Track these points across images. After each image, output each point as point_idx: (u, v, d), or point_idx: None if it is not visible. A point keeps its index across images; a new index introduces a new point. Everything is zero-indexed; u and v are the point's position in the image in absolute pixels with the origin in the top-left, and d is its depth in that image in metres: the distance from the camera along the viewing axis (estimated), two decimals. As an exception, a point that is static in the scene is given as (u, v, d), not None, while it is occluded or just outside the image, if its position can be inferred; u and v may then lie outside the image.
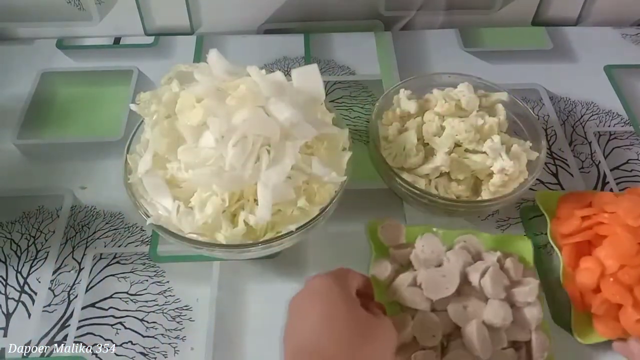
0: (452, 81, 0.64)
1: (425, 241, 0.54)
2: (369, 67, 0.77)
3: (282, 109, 0.48)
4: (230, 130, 0.47)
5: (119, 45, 0.81)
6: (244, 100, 0.49)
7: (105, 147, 0.67)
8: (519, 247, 0.56)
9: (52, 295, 0.54)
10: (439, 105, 0.60)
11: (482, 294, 0.50)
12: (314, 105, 0.55)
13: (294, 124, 0.49)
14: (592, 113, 0.72)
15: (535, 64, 0.79)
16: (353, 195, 0.59)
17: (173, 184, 0.51)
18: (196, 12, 0.81)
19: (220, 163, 0.48)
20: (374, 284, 0.50)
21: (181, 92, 0.52)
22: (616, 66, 0.78)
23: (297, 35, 0.82)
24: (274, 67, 0.77)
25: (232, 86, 0.51)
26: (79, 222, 0.60)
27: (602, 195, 0.57)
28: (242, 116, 0.48)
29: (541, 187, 0.64)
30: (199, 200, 0.49)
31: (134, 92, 0.73)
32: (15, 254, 0.57)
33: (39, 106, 0.72)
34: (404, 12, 0.83)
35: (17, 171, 0.65)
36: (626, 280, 0.50)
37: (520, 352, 0.49)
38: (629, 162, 0.67)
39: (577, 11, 0.85)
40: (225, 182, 0.48)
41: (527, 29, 0.85)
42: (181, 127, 0.50)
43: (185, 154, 0.49)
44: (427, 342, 0.48)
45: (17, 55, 0.78)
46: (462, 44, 0.81)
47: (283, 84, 0.52)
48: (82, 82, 0.75)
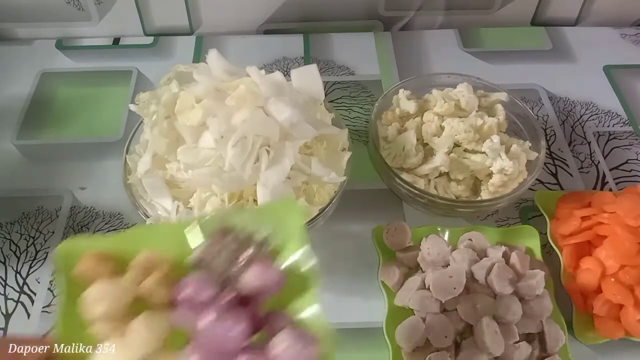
0: (451, 81, 0.64)
1: (431, 243, 0.54)
2: (369, 68, 0.77)
3: (281, 110, 0.48)
4: (230, 131, 0.47)
5: (119, 45, 0.81)
6: (243, 100, 0.49)
7: (105, 147, 0.67)
8: (526, 238, 0.56)
9: (51, 295, 0.54)
10: (438, 105, 0.60)
11: (490, 291, 0.50)
12: (313, 106, 0.55)
13: (294, 124, 0.49)
14: (592, 113, 0.72)
15: (534, 64, 0.79)
16: (352, 196, 0.59)
17: (172, 184, 0.51)
18: (195, 13, 0.81)
19: (219, 163, 0.48)
20: (384, 289, 0.48)
21: (180, 93, 0.52)
22: (615, 66, 0.78)
23: (297, 36, 0.82)
24: (273, 68, 0.76)
25: (231, 86, 0.51)
26: (78, 222, 0.60)
27: (602, 195, 0.57)
28: (241, 116, 0.48)
29: (540, 187, 0.64)
30: (199, 200, 0.49)
31: (134, 93, 0.73)
32: (15, 255, 0.57)
33: (38, 106, 0.72)
34: (404, 13, 0.83)
35: (16, 171, 0.65)
36: (627, 280, 0.50)
37: (534, 343, 0.49)
38: (628, 162, 0.67)
39: (576, 11, 0.85)
40: (224, 182, 0.48)
41: (526, 29, 0.85)
42: (180, 127, 0.50)
43: (184, 154, 0.49)
44: (440, 343, 0.48)
45: (17, 55, 0.78)
46: (461, 44, 0.81)
47: (282, 84, 0.52)
48: (82, 82, 0.75)
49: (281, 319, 0.36)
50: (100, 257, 0.37)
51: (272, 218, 0.39)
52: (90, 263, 0.36)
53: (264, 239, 0.38)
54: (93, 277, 0.36)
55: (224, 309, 0.34)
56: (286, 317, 0.36)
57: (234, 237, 0.37)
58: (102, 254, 0.37)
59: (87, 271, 0.36)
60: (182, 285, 0.36)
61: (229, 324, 0.34)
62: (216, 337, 0.34)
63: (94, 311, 0.35)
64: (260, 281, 0.36)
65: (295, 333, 0.33)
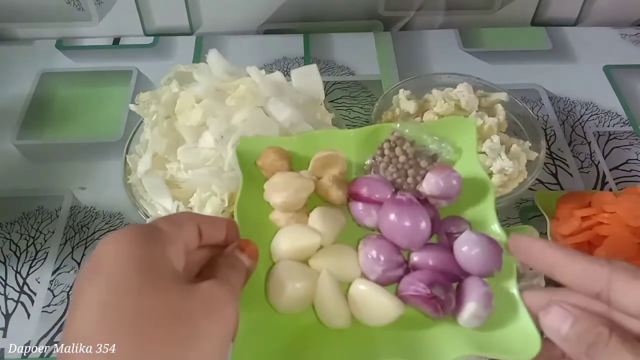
0: (451, 81, 0.64)
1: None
2: (369, 68, 0.77)
3: (281, 109, 0.48)
4: (230, 131, 0.47)
5: (119, 45, 0.81)
6: (243, 100, 0.49)
7: (105, 147, 0.67)
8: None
9: (51, 295, 0.54)
10: (438, 105, 0.60)
11: None
12: (313, 106, 0.55)
13: (294, 124, 0.49)
14: (592, 113, 0.72)
15: (534, 64, 0.79)
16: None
17: (172, 184, 0.51)
18: (196, 12, 0.81)
19: (219, 163, 0.48)
20: None
21: (180, 93, 0.52)
22: (615, 66, 0.78)
23: (297, 36, 0.82)
24: (273, 68, 0.76)
25: (231, 86, 0.51)
26: (78, 222, 0.60)
27: (602, 195, 0.57)
28: (241, 116, 0.48)
29: (540, 187, 0.64)
30: (199, 200, 0.49)
31: (134, 93, 0.73)
32: (15, 255, 0.57)
33: (38, 106, 0.72)
34: (404, 13, 0.83)
35: (16, 171, 0.65)
36: (626, 280, 0.50)
37: None
38: (628, 162, 0.67)
39: (576, 11, 0.85)
40: (224, 182, 0.48)
41: (526, 29, 0.85)
42: (180, 127, 0.50)
43: (184, 154, 0.49)
44: None
45: (17, 55, 0.78)
46: (461, 44, 0.81)
47: (282, 84, 0.52)
48: (82, 82, 0.75)
49: (460, 223, 0.37)
50: (280, 152, 0.39)
51: (445, 131, 0.41)
52: (271, 156, 0.38)
53: (439, 149, 0.40)
54: (272, 169, 0.38)
55: (405, 207, 0.34)
56: (465, 222, 0.37)
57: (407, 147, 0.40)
58: (281, 150, 0.39)
59: (267, 163, 0.38)
60: (358, 184, 0.37)
61: (414, 220, 0.34)
62: (401, 232, 0.34)
63: (274, 200, 0.36)
64: (439, 189, 0.37)
65: (474, 236, 0.34)
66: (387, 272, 0.33)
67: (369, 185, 0.37)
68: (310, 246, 0.35)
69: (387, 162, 0.39)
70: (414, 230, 0.34)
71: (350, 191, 0.38)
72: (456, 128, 0.41)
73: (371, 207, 0.36)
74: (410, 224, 0.34)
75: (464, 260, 0.33)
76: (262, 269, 0.34)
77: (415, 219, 0.34)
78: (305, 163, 0.40)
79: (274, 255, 0.35)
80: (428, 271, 0.34)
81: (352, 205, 0.38)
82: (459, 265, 0.34)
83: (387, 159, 0.39)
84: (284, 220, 0.36)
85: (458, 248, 0.34)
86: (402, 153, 0.39)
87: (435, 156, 0.40)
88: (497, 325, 0.32)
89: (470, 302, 0.32)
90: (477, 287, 0.33)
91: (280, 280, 0.33)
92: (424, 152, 0.40)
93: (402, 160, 0.39)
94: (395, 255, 0.34)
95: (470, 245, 0.33)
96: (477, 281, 0.33)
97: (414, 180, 0.38)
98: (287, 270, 0.33)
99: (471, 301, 0.32)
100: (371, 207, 0.36)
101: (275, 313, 0.33)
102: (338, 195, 0.37)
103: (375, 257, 0.34)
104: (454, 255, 0.34)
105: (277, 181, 0.37)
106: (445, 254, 0.34)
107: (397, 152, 0.39)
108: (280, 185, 0.36)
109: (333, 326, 0.33)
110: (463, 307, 0.32)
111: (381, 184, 0.37)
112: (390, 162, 0.39)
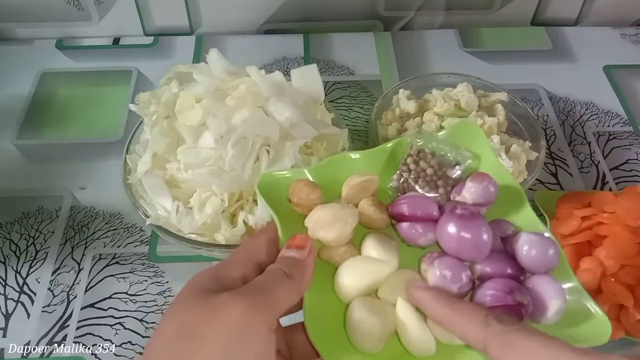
0: (451, 81, 0.64)
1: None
2: (369, 68, 0.77)
3: (281, 109, 0.48)
4: (230, 131, 0.47)
5: (119, 45, 0.81)
6: (243, 100, 0.49)
7: (105, 147, 0.67)
8: None
9: (51, 295, 0.54)
10: (438, 105, 0.60)
11: None
12: (313, 106, 0.55)
13: (294, 124, 0.49)
14: (592, 113, 0.72)
15: (534, 64, 0.79)
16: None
17: (172, 184, 0.51)
18: (196, 12, 0.81)
19: (219, 163, 0.48)
20: None
21: (180, 93, 0.52)
22: (615, 66, 0.78)
23: (297, 36, 0.82)
24: (273, 67, 0.77)
25: (231, 86, 0.51)
26: (78, 222, 0.60)
27: (602, 195, 0.57)
28: (241, 116, 0.48)
29: (540, 187, 0.64)
30: (199, 200, 0.49)
31: (134, 93, 0.73)
32: (15, 255, 0.57)
33: (38, 106, 0.72)
34: (404, 12, 0.83)
35: (16, 171, 0.65)
36: (627, 280, 0.50)
37: None
38: (628, 162, 0.67)
39: (576, 11, 0.85)
40: (224, 182, 0.48)
41: (526, 29, 0.85)
42: (180, 127, 0.50)
43: (184, 154, 0.49)
44: None
45: (17, 55, 0.78)
46: (461, 44, 0.81)
47: (282, 84, 0.52)
48: (82, 82, 0.75)
49: (507, 225, 0.37)
50: (311, 184, 0.36)
51: (455, 138, 0.40)
52: (305, 189, 0.35)
53: (458, 157, 0.39)
54: (308, 204, 0.35)
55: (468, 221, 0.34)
56: (509, 223, 0.37)
57: (430, 159, 0.39)
58: (311, 182, 0.36)
59: (302, 199, 0.35)
60: (399, 203, 0.36)
61: (478, 233, 0.33)
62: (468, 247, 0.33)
63: (324, 236, 0.34)
64: (482, 197, 0.36)
65: (533, 236, 0.34)
66: (462, 289, 0.33)
67: (410, 203, 0.36)
68: (381, 278, 0.33)
69: (415, 177, 0.38)
70: (480, 243, 0.33)
71: (392, 212, 0.36)
72: (464, 134, 0.41)
73: (417, 225, 0.35)
74: (475, 237, 0.33)
75: (527, 261, 0.34)
76: (334, 312, 0.33)
77: (478, 231, 0.33)
78: (327, 192, 0.37)
79: (341, 294, 0.33)
80: (500, 279, 0.33)
81: (398, 226, 0.36)
82: (519, 266, 0.34)
83: (414, 174, 0.38)
84: (339, 256, 0.34)
85: (520, 249, 0.34)
86: (428, 165, 0.38)
87: (457, 164, 0.39)
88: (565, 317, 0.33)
89: (553, 299, 0.32)
90: (551, 285, 0.33)
91: (367, 321, 0.31)
92: (446, 161, 0.39)
93: (430, 173, 0.38)
94: (466, 271, 0.34)
95: (530, 245, 0.33)
96: (547, 278, 0.33)
97: (445, 190, 0.38)
98: (370, 309, 0.32)
99: (553, 299, 0.32)
100: (417, 225, 0.35)
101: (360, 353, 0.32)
102: (382, 219, 0.36)
103: (450, 276, 0.33)
104: (511, 258, 0.34)
105: (322, 215, 0.34)
106: (505, 258, 0.34)
107: (423, 165, 0.38)
108: (327, 219, 0.33)
109: (422, 354, 0.32)
110: (546, 306, 0.32)
111: (422, 200, 0.36)
112: (418, 176, 0.38)
